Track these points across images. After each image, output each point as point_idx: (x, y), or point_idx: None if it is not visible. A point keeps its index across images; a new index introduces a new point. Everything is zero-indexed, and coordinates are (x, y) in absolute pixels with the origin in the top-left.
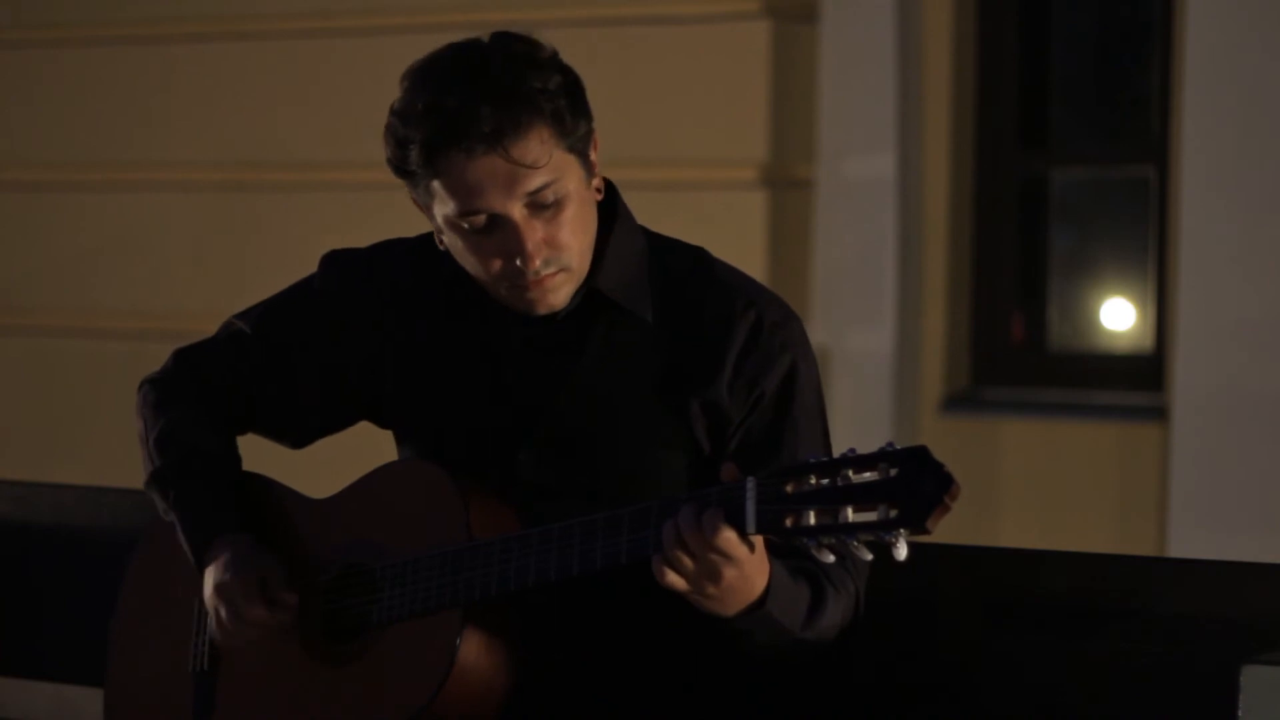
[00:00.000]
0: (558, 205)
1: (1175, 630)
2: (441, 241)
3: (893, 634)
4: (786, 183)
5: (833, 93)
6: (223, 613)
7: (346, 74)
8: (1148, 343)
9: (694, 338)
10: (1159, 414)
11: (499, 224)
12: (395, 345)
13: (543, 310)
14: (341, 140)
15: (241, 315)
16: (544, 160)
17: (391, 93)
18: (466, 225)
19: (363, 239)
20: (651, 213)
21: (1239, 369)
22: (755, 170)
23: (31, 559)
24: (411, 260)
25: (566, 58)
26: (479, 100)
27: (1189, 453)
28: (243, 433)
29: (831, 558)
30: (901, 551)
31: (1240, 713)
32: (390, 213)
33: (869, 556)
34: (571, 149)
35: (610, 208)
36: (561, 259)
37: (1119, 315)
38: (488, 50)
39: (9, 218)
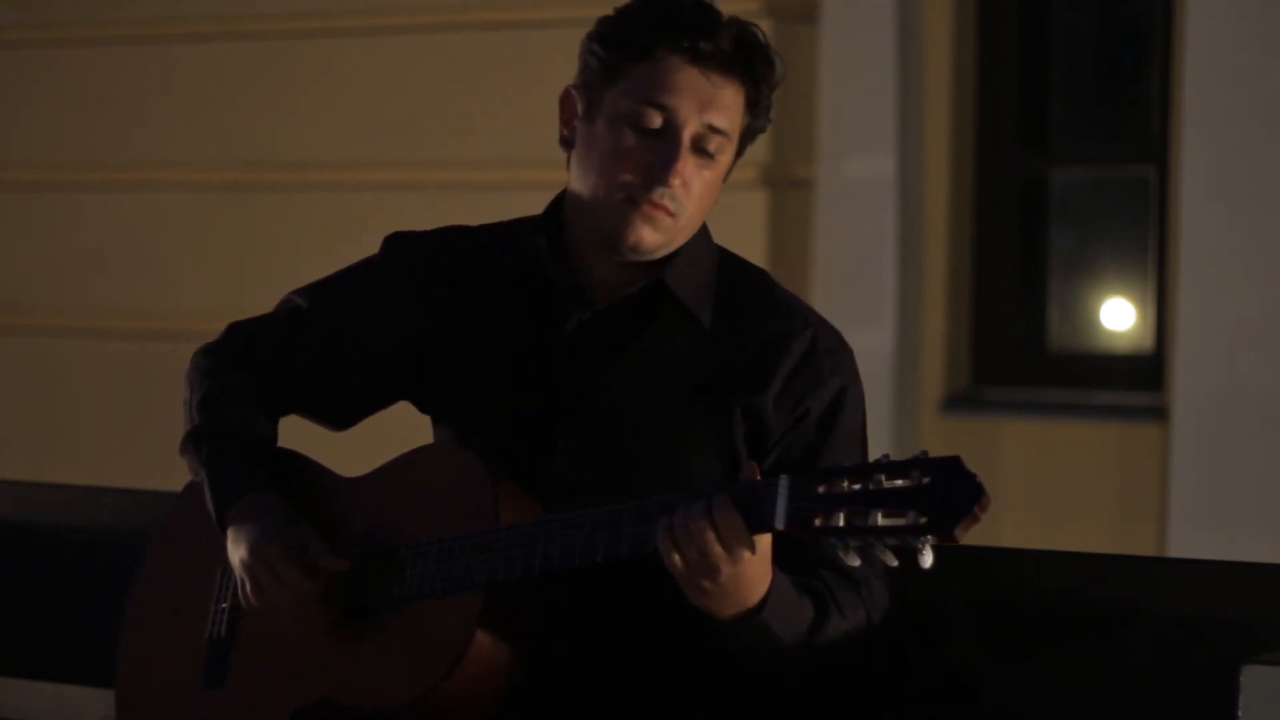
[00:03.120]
0: (711, 160)
1: (1175, 630)
2: (566, 141)
3: (892, 634)
4: (786, 183)
5: (833, 93)
6: (261, 575)
7: (346, 74)
8: (1148, 343)
9: (748, 349)
10: (1159, 414)
11: (665, 136)
12: (447, 330)
13: (632, 240)
14: (341, 140)
15: (300, 291)
16: (731, 111)
17: (391, 93)
18: (639, 118)
19: (363, 239)
20: None
21: (1239, 369)
22: (755, 170)
23: (31, 559)
24: (471, 246)
25: (567, 58)
26: (720, 28)
27: (1189, 453)
28: (285, 413)
29: (857, 561)
30: (927, 559)
31: (1240, 713)
32: (390, 212)
33: (894, 562)
34: (745, 128)
35: None
36: (683, 203)
37: (1119, 315)
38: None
39: (9, 218)
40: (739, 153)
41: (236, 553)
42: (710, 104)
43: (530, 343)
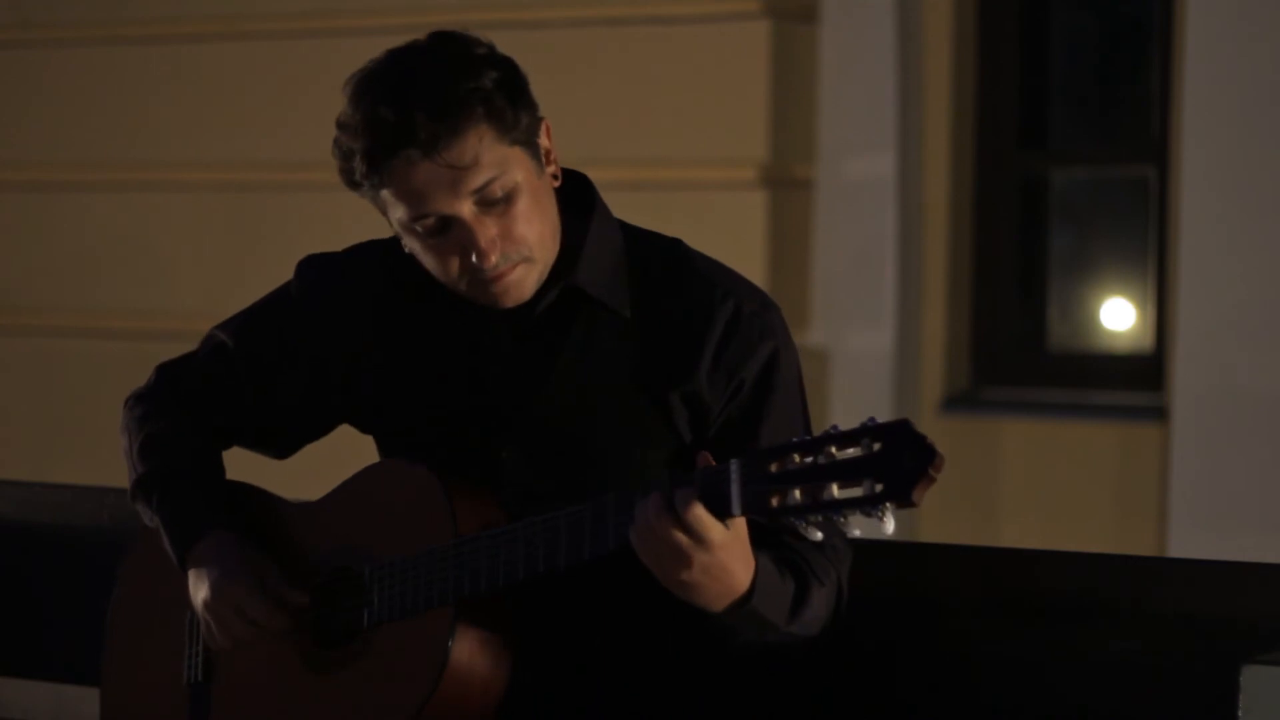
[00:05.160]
0: (508, 199)
1: (1175, 630)
2: (406, 245)
3: (892, 634)
4: (786, 183)
5: (833, 93)
6: (225, 616)
7: (346, 74)
8: (1148, 343)
9: (672, 330)
10: (1159, 414)
11: (451, 224)
12: (374, 347)
13: (510, 303)
14: None
15: (222, 326)
16: (485, 158)
17: None
18: (420, 229)
19: (361, 239)
20: (652, 213)
21: (1239, 369)
22: (755, 170)
23: (31, 559)
24: (388, 261)
25: (566, 58)
26: (412, 108)
27: (1189, 453)
28: (226, 446)
29: (819, 535)
30: (889, 526)
31: (1240, 713)
32: None
33: (856, 532)
34: (515, 142)
35: (587, 202)
36: (520, 251)
37: (1119, 315)
38: (420, 55)
39: (9, 218)
40: (534, 140)
41: (198, 595)
42: (459, 179)
43: (461, 350)
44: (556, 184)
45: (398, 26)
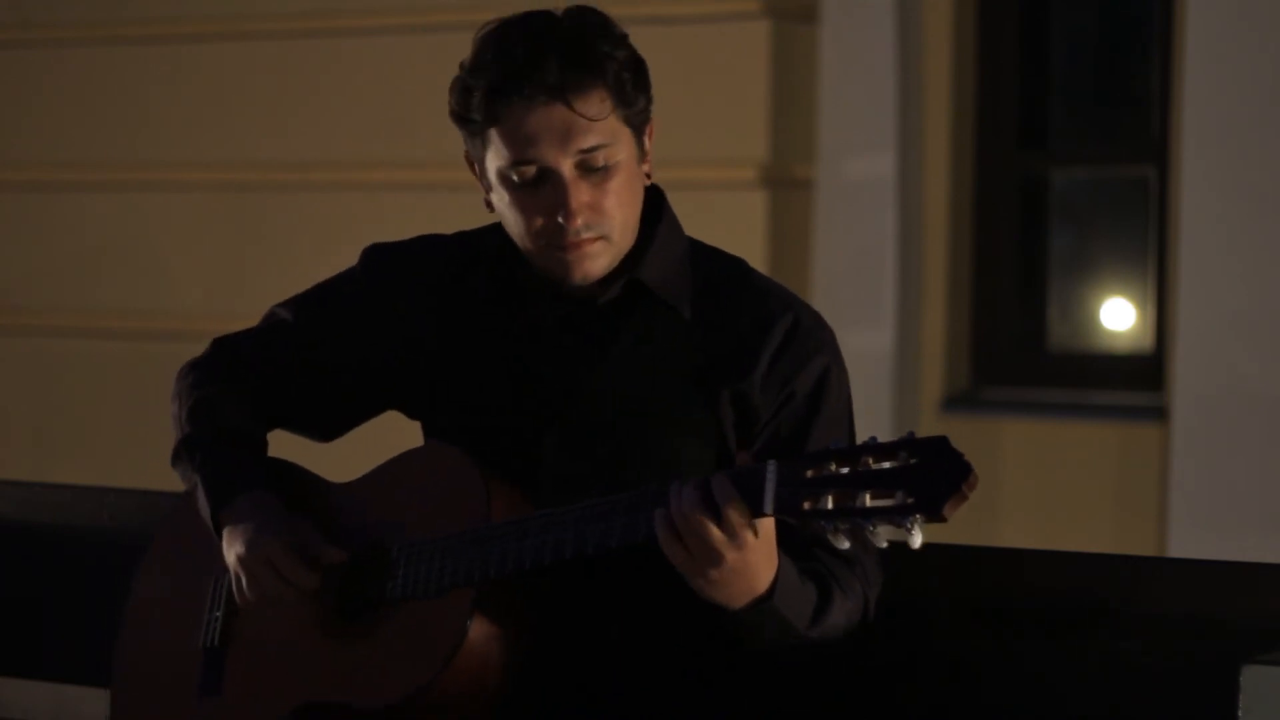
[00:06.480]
0: (607, 171)
1: (1175, 630)
2: (489, 204)
3: (892, 634)
4: (786, 183)
5: (833, 93)
6: (257, 570)
7: (347, 74)
8: (1148, 343)
9: (730, 335)
10: (1159, 414)
11: (547, 178)
12: (431, 334)
13: (578, 277)
14: (341, 140)
15: (284, 304)
16: (600, 122)
17: (392, 93)
18: (516, 177)
19: (363, 239)
20: None
21: (1239, 369)
22: (755, 170)
23: (31, 559)
24: (450, 252)
25: None
26: (546, 53)
27: (1189, 453)
28: (273, 425)
29: (847, 544)
30: (916, 540)
31: (1240, 713)
32: (390, 212)
33: (884, 544)
34: (628, 121)
35: (657, 209)
36: (603, 225)
37: (1119, 315)
38: (559, 17)
39: (9, 218)
40: (640, 133)
41: (232, 550)
42: (570, 132)
43: (513, 343)
44: (648, 182)
45: (398, 26)
